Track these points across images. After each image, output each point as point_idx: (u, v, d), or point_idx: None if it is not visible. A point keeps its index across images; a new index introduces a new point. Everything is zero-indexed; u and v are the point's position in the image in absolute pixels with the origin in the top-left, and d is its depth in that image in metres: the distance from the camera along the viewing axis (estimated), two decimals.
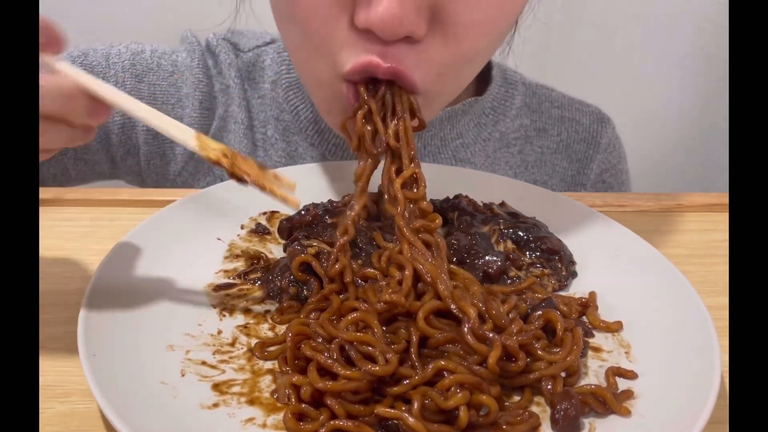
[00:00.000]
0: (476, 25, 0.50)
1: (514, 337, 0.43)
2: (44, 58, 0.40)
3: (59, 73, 0.41)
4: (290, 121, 0.75)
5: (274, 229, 0.59)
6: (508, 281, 0.53)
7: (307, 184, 0.63)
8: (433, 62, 0.51)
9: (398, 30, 0.47)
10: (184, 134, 0.44)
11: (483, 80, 0.79)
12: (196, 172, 0.76)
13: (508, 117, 0.79)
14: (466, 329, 0.42)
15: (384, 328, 0.44)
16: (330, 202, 0.59)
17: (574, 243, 0.57)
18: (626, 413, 0.41)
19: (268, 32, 0.78)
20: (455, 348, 0.43)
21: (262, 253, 0.56)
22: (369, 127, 0.51)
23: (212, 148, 0.43)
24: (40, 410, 0.40)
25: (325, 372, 0.41)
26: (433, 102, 0.55)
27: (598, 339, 0.48)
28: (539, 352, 0.44)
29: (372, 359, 0.41)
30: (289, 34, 0.55)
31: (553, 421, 0.40)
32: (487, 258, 0.53)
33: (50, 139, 0.41)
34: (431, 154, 0.76)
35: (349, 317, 0.44)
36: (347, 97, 0.52)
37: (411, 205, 0.50)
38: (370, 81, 0.51)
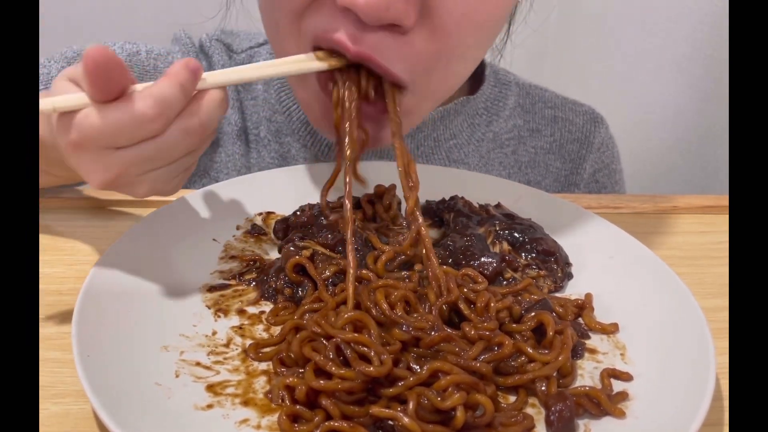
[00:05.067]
0: (465, 18, 0.49)
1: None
2: (199, 85, 0.44)
3: (207, 88, 0.45)
4: (283, 123, 0.75)
5: (270, 230, 0.59)
6: (504, 282, 0.53)
7: (304, 185, 0.63)
8: (419, 56, 0.50)
9: (383, 15, 0.46)
10: (303, 64, 0.50)
11: (476, 80, 0.79)
12: (192, 174, 0.76)
13: (501, 117, 0.79)
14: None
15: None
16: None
17: (569, 244, 0.57)
18: (621, 415, 0.41)
19: (261, 33, 0.78)
20: (450, 346, 0.43)
21: (258, 254, 0.55)
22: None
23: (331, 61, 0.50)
24: None
25: (319, 372, 0.41)
26: (424, 100, 0.55)
27: (594, 340, 0.48)
28: (530, 351, 0.44)
29: (367, 360, 0.41)
30: (268, 17, 0.54)
31: (548, 423, 0.41)
32: (482, 259, 0.53)
33: (204, 146, 0.47)
34: (425, 154, 0.76)
35: (346, 317, 0.44)
36: (318, 79, 0.53)
37: None
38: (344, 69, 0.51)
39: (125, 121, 0.41)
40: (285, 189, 0.62)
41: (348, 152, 0.52)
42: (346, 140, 0.52)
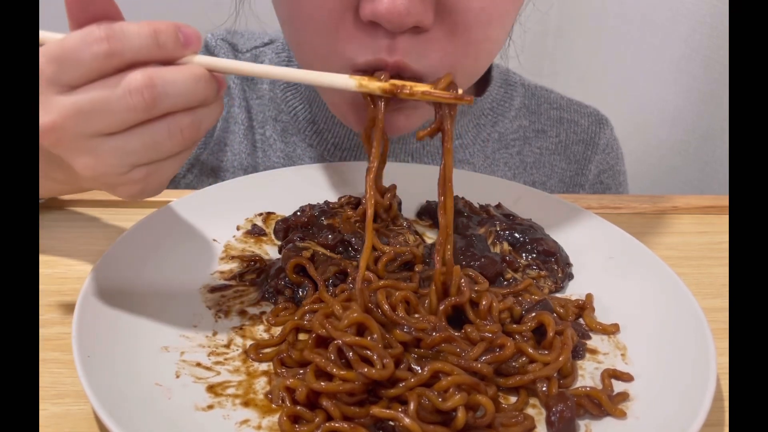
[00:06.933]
0: (483, 12, 0.49)
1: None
2: (186, 57, 0.40)
3: (185, 63, 0.40)
4: (288, 122, 0.75)
5: (270, 230, 0.59)
6: (504, 283, 0.53)
7: (303, 185, 0.63)
8: (444, 52, 0.50)
9: (405, 20, 0.46)
10: (338, 79, 0.44)
11: (483, 81, 0.79)
12: (201, 174, 0.76)
13: (507, 118, 0.79)
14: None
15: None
16: (326, 203, 0.59)
17: (570, 245, 0.57)
18: (621, 415, 0.41)
19: (266, 33, 0.79)
20: (451, 347, 0.43)
21: (258, 254, 0.55)
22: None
23: (373, 87, 0.44)
24: None
25: (320, 373, 0.41)
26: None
27: (595, 341, 0.48)
28: (531, 352, 0.44)
29: (369, 362, 0.41)
30: (294, 33, 0.54)
31: (549, 423, 0.41)
32: (483, 260, 0.53)
33: (204, 123, 0.41)
34: (430, 154, 0.76)
35: (349, 319, 0.43)
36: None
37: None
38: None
39: (74, 41, 0.37)
40: (285, 189, 0.62)
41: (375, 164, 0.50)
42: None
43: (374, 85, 0.44)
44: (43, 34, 0.40)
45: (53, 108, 0.38)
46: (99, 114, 0.38)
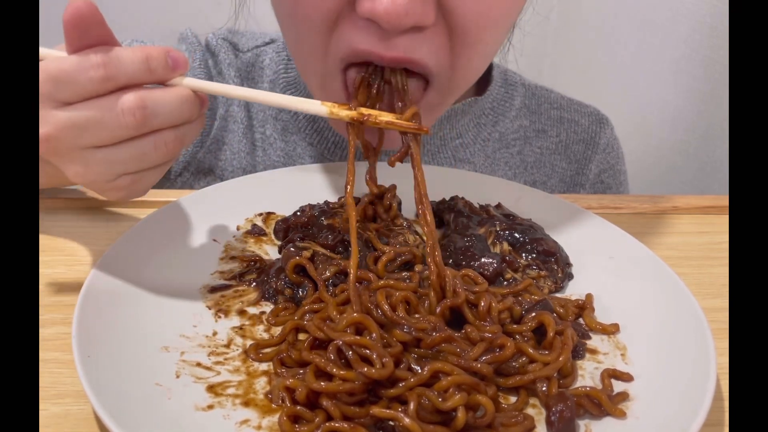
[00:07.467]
0: (481, 17, 0.50)
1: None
2: (175, 79, 0.44)
3: (173, 84, 0.44)
4: (288, 121, 0.75)
5: (270, 230, 0.59)
6: (504, 283, 0.53)
7: (303, 185, 0.63)
8: (443, 49, 0.51)
9: (403, 21, 0.46)
10: (312, 105, 0.48)
11: (483, 81, 0.79)
12: (197, 172, 0.76)
13: (507, 118, 0.79)
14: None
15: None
16: (326, 203, 0.59)
17: (570, 245, 0.57)
18: (621, 415, 0.41)
19: (267, 33, 0.79)
20: (451, 347, 0.43)
21: (258, 254, 0.55)
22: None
23: (342, 115, 0.48)
24: None
25: (320, 373, 0.41)
26: (447, 95, 0.56)
27: (595, 341, 0.48)
28: (531, 351, 0.44)
29: (368, 362, 0.41)
30: (291, 32, 0.55)
31: (549, 423, 0.41)
32: (483, 260, 0.53)
33: (187, 137, 0.45)
34: (431, 153, 0.76)
35: (348, 319, 0.44)
36: (343, 84, 0.53)
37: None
38: (368, 72, 0.52)
39: (72, 64, 0.41)
40: (285, 189, 0.62)
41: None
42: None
43: (344, 113, 0.48)
44: (43, 51, 0.43)
45: (49, 121, 0.42)
46: (93, 129, 0.42)
